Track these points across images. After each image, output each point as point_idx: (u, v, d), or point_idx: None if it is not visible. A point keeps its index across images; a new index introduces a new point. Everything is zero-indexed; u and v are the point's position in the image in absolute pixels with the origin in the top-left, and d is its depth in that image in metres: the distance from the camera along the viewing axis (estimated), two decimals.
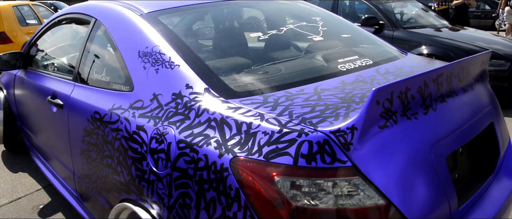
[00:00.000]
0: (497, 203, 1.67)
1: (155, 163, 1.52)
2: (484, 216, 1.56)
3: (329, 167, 1.18)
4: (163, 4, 2.10)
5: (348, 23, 2.51)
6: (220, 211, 1.29)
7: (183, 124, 1.48)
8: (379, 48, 2.24)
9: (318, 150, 1.19)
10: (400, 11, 6.71)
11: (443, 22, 6.59)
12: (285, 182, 1.19)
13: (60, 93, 2.31)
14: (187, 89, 1.56)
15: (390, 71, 1.83)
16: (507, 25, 10.77)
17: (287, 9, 2.47)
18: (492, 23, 13.92)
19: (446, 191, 1.38)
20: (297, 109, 1.37)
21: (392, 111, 1.31)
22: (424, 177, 1.32)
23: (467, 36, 5.69)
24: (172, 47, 1.73)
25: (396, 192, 1.23)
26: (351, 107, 1.38)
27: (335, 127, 1.22)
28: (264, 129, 1.28)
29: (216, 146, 1.33)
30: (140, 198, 1.62)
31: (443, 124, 1.48)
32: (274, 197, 1.19)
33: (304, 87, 1.57)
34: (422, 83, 1.41)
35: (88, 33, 2.23)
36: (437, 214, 1.33)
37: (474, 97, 1.76)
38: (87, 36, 2.24)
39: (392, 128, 1.31)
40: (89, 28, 2.25)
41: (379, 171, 1.22)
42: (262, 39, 2.01)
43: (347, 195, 1.19)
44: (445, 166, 1.40)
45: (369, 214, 1.19)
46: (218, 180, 1.29)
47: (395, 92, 1.30)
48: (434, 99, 1.49)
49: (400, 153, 1.29)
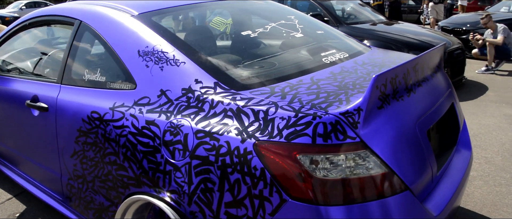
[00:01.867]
0: (461, 169, 1.98)
1: (171, 154, 1.63)
2: (453, 179, 1.85)
3: (342, 143, 1.38)
4: (153, 6, 2.19)
5: (317, 20, 2.74)
6: (246, 191, 1.44)
7: (198, 115, 1.60)
8: (348, 43, 2.48)
9: (332, 130, 1.38)
10: (342, 8, 7.14)
11: (379, 17, 7.11)
12: (306, 158, 1.37)
13: (43, 96, 2.30)
14: (196, 84, 1.68)
15: (367, 63, 2.07)
16: (431, 19, 11.73)
17: (268, 9, 2.65)
18: (418, 18, 15.07)
19: (429, 159, 1.63)
20: (304, 97, 1.56)
21: (386, 94, 1.54)
22: (413, 148, 1.56)
23: (402, 29, 6.22)
24: (173, 46, 1.84)
25: (395, 161, 1.45)
26: (349, 93, 1.59)
27: (344, 109, 1.42)
28: (281, 114, 1.45)
29: (237, 132, 1.48)
30: (154, 189, 1.72)
31: (422, 104, 1.74)
32: (297, 172, 1.37)
33: (301, 78, 1.76)
34: (406, 70, 1.65)
35: (73, 35, 2.26)
36: (425, 178, 1.59)
37: (438, 82, 2.05)
38: (72, 38, 2.26)
39: (387, 108, 1.54)
40: (73, 30, 2.27)
41: (381, 144, 1.44)
42: (253, 36, 2.18)
43: (358, 165, 1.39)
44: (427, 139, 1.66)
45: (375, 181, 1.41)
46: (242, 162, 1.44)
47: (388, 79, 1.53)
48: (413, 84, 1.75)
49: (394, 128, 1.52)
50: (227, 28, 2.39)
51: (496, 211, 2.69)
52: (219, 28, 2.39)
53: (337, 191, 1.37)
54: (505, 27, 6.90)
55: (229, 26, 2.40)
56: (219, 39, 2.33)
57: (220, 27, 2.39)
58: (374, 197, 1.40)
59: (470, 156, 2.14)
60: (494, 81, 6.34)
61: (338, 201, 1.38)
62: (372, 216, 1.39)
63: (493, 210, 2.71)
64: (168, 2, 2.30)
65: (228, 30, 2.40)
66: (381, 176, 1.41)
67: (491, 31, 6.98)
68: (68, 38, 2.30)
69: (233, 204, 1.48)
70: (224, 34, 2.36)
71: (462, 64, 5.96)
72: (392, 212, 1.42)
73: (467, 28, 8.33)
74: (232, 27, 2.36)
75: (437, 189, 1.72)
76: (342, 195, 1.38)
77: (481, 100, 5.31)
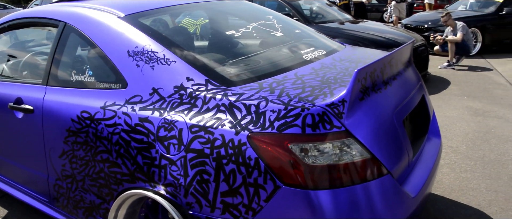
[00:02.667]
0: (433, 155, 2.15)
1: (166, 149, 1.70)
2: (427, 165, 2.02)
3: (329, 132, 1.50)
4: (138, 7, 2.25)
5: (292, 20, 2.87)
6: (241, 180, 1.54)
7: (191, 111, 1.69)
8: (324, 41, 2.62)
9: (319, 120, 1.50)
10: (310, 8, 7.34)
11: (346, 16, 7.35)
12: (296, 147, 1.48)
13: (28, 98, 2.32)
14: (188, 82, 1.77)
15: (344, 59, 2.21)
16: (394, 17, 12.18)
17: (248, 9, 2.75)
18: (381, 16, 15.57)
19: (406, 146, 1.78)
20: (291, 91, 1.67)
21: (366, 86, 1.68)
22: (392, 136, 1.70)
23: (368, 28, 6.47)
24: (163, 46, 1.91)
25: (377, 148, 1.59)
26: (332, 87, 1.72)
27: (330, 101, 1.54)
28: (272, 107, 1.56)
29: (231, 126, 1.57)
30: (149, 184, 1.79)
31: (397, 95, 1.89)
32: (289, 160, 1.48)
33: (286, 74, 1.88)
34: (383, 65, 1.79)
35: (58, 37, 2.28)
36: (403, 163, 1.74)
37: (410, 76, 2.21)
38: (56, 40, 2.28)
39: (367, 99, 1.67)
40: (57, 32, 2.30)
41: (363, 132, 1.57)
42: (237, 36, 2.28)
43: (343, 152, 1.52)
44: (403, 127, 1.81)
45: (359, 166, 1.54)
46: (237, 154, 1.54)
47: (368, 73, 1.67)
48: (389, 77, 1.90)
49: (375, 118, 1.65)
50: (197, 29, 2.47)
51: (463, 195, 2.90)
52: (189, 29, 2.46)
53: (325, 176, 1.49)
54: (464, 24, 7.28)
55: (199, 27, 2.48)
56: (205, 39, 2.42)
57: (190, 28, 2.46)
58: (358, 180, 1.53)
59: (440, 143, 2.32)
60: (455, 75, 6.68)
61: (326, 185, 1.50)
62: (357, 198, 1.52)
63: (460, 194, 2.92)
64: (152, 3, 2.36)
65: (198, 31, 2.47)
66: (365, 162, 1.55)
67: (451, 29, 7.35)
68: (53, 40, 2.32)
69: (229, 193, 1.57)
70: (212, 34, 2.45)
71: (426, 60, 6.25)
72: (375, 194, 1.55)
73: (429, 26, 8.71)
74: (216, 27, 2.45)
75: (413, 173, 1.87)
76: (330, 179, 1.50)
77: (445, 94, 5.61)
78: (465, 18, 8.14)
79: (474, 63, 7.55)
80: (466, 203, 2.80)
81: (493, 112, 4.76)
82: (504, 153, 3.58)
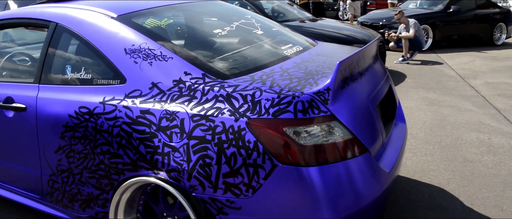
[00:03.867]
0: (401, 138, 2.43)
1: (169, 138, 1.86)
2: (396, 145, 2.29)
3: (317, 116, 1.72)
4: (128, 7, 2.38)
5: (268, 19, 3.08)
6: (241, 161, 1.73)
7: (191, 102, 1.86)
8: (298, 38, 2.85)
9: (308, 106, 1.72)
10: (271, 7, 7.58)
11: (306, 14, 7.66)
12: (290, 130, 1.69)
13: (20, 97, 2.38)
14: (186, 76, 1.93)
15: (320, 54, 2.45)
16: (349, 15, 12.71)
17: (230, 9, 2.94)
18: (336, 14, 16.14)
19: (380, 128, 2.04)
20: (280, 82, 1.88)
21: (346, 76, 1.91)
22: (369, 119, 1.95)
23: (327, 25, 6.79)
24: (158, 43, 2.07)
25: (357, 129, 1.83)
26: (316, 77, 1.94)
27: (316, 89, 1.76)
28: (266, 96, 1.76)
29: (230, 114, 1.76)
30: (152, 171, 1.93)
31: (370, 84, 2.15)
32: (284, 142, 1.69)
33: (272, 68, 2.08)
34: (358, 57, 2.04)
35: (49, 37, 2.37)
36: (378, 143, 1.99)
37: (378, 68, 2.48)
38: (48, 40, 2.37)
39: (347, 88, 1.91)
40: (48, 32, 2.38)
41: (345, 116, 1.81)
42: (223, 34, 2.46)
43: (329, 133, 1.74)
44: (377, 112, 2.07)
45: (343, 145, 1.77)
46: (237, 138, 1.73)
47: (347, 64, 1.90)
48: (363, 69, 2.15)
49: (354, 104, 1.89)
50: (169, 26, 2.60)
51: (425, 175, 3.23)
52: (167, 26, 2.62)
53: (315, 155, 1.71)
54: (415, 21, 7.80)
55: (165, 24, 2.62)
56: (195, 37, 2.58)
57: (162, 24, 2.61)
58: (343, 157, 1.76)
59: (405, 127, 2.61)
60: (410, 69, 7.16)
61: (316, 162, 1.72)
62: (341, 173, 1.75)
63: (422, 175, 3.24)
64: (142, 3, 2.50)
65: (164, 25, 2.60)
66: (347, 141, 1.78)
67: (404, 26, 7.84)
68: (44, 41, 2.40)
69: (230, 174, 1.76)
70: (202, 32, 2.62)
71: (383, 55, 6.66)
72: (357, 169, 1.79)
73: (383, 23, 9.21)
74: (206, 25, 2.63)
75: (386, 152, 2.13)
76: (319, 157, 1.72)
77: (402, 87, 6.02)
78: (417, 16, 8.69)
79: (426, 58, 8.09)
80: (428, 182, 3.12)
81: (446, 101, 5.20)
82: (458, 138, 3.97)
